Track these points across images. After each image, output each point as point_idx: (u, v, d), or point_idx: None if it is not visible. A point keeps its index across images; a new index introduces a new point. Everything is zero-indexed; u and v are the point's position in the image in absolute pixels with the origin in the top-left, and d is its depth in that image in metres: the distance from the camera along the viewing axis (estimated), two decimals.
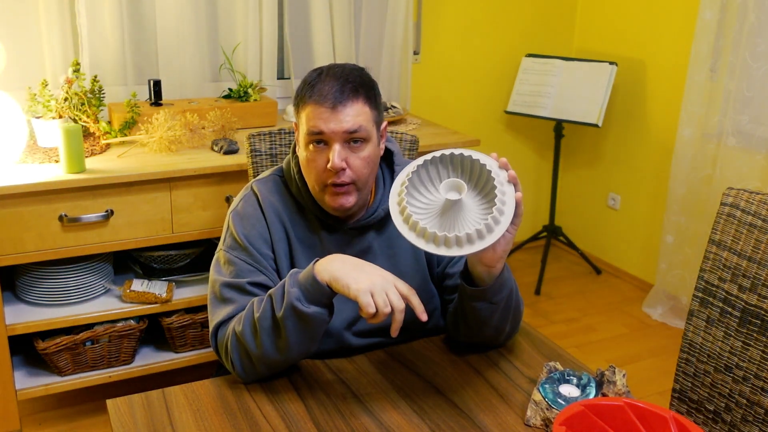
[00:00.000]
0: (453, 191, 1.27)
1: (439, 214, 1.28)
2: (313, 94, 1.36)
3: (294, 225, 1.48)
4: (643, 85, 3.48)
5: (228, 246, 1.45)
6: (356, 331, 1.50)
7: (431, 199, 1.31)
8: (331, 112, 1.34)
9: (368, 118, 1.38)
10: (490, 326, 1.41)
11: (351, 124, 1.35)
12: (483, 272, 1.33)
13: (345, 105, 1.35)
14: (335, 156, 1.35)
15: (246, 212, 1.47)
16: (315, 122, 1.35)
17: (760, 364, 1.40)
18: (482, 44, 3.60)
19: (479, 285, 1.35)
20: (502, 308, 1.39)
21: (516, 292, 1.44)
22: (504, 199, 1.24)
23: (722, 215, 1.47)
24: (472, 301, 1.36)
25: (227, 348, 1.36)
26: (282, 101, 3.09)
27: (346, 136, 1.35)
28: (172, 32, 2.75)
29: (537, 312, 3.32)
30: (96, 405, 2.52)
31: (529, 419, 1.26)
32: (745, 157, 2.91)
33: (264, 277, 1.42)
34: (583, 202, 3.95)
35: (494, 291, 1.35)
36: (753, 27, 2.81)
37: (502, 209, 1.23)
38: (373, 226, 1.50)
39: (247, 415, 1.28)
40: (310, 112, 1.36)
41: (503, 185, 1.25)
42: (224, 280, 1.42)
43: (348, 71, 1.38)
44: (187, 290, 2.47)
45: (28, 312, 2.27)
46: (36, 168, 2.19)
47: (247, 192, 1.50)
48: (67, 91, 2.37)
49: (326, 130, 1.35)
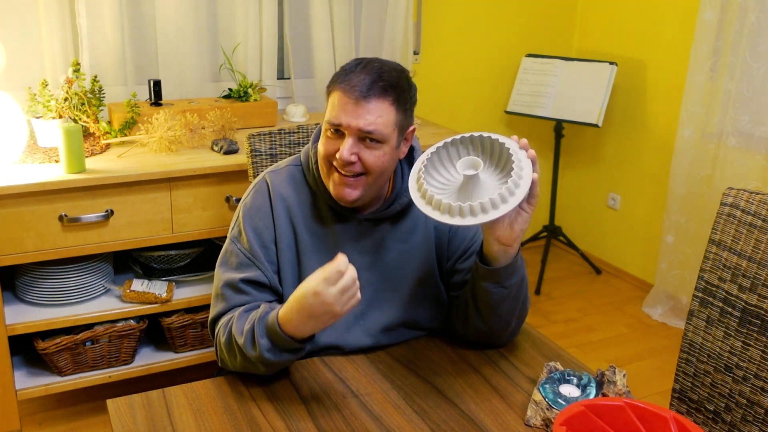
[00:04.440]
0: (470, 168, 1.29)
1: (456, 190, 1.31)
2: (344, 82, 1.36)
3: (305, 216, 1.48)
4: (643, 85, 3.48)
5: (234, 236, 1.48)
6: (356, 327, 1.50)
7: (449, 178, 1.34)
8: (354, 105, 1.34)
9: (390, 120, 1.37)
10: (499, 314, 1.42)
11: (367, 123, 1.34)
12: (499, 252, 1.34)
13: (369, 101, 1.34)
14: (345, 149, 1.35)
15: (255, 204, 1.48)
16: (336, 112, 1.36)
17: (760, 364, 1.40)
18: (482, 44, 3.60)
19: (494, 266, 1.37)
20: (512, 296, 1.40)
21: (526, 287, 1.45)
22: (521, 173, 1.26)
23: (722, 215, 1.47)
24: (484, 281, 1.38)
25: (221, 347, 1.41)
26: (282, 101, 3.09)
27: (360, 133, 1.36)
28: (172, 32, 2.75)
29: (537, 312, 3.32)
30: (96, 405, 2.52)
31: (529, 419, 1.26)
32: (745, 157, 2.91)
33: (259, 272, 1.44)
34: (583, 202, 3.95)
35: (507, 274, 1.36)
36: (753, 27, 2.81)
37: (517, 182, 1.25)
38: (388, 220, 1.50)
39: (247, 415, 1.28)
40: (336, 100, 1.37)
41: (521, 161, 1.27)
42: (223, 276, 1.45)
43: (386, 69, 1.38)
44: (187, 290, 2.47)
45: (28, 312, 2.27)
46: (36, 168, 2.19)
47: (260, 182, 1.51)
48: (67, 91, 2.37)
49: (343, 123, 1.35)
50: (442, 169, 1.35)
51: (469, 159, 1.30)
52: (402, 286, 1.50)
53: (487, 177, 1.31)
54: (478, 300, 1.41)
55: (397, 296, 1.50)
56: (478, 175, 1.27)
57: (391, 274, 1.50)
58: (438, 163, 1.34)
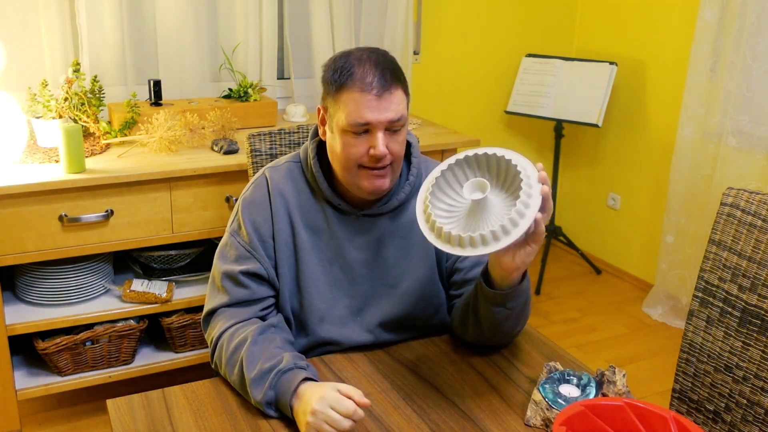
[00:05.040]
0: (477, 191, 1.25)
1: (465, 215, 1.27)
2: (356, 81, 1.35)
3: (303, 212, 1.48)
4: (643, 85, 3.48)
5: (233, 229, 1.49)
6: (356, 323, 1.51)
7: (454, 203, 1.30)
8: (378, 100, 1.34)
9: (405, 104, 1.40)
10: (501, 331, 1.42)
11: (395, 113, 1.36)
12: (498, 276, 1.33)
13: (391, 92, 1.35)
14: (380, 144, 1.36)
15: (254, 199, 1.49)
16: (361, 112, 1.34)
17: (760, 364, 1.40)
18: (482, 44, 3.60)
19: (497, 288, 1.35)
20: (515, 316, 1.40)
21: (529, 304, 1.45)
22: (528, 201, 1.19)
23: (722, 215, 1.47)
24: (487, 303, 1.37)
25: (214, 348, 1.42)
26: (282, 101, 3.09)
27: (390, 124, 1.36)
28: (172, 32, 2.75)
29: (537, 312, 3.32)
30: (96, 405, 2.52)
31: (529, 419, 1.26)
32: (745, 157, 2.91)
33: (258, 265, 1.44)
34: (583, 202, 3.95)
35: (511, 298, 1.36)
36: (753, 27, 2.81)
37: (527, 202, 1.19)
38: (386, 215, 1.50)
39: (247, 415, 1.28)
40: (354, 101, 1.35)
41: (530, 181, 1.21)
42: (223, 268, 1.46)
43: (382, 58, 1.39)
44: (187, 290, 2.47)
45: (28, 312, 2.27)
46: (36, 168, 2.19)
47: (259, 177, 1.52)
48: (67, 91, 2.37)
49: (372, 120, 1.35)
50: (449, 191, 1.31)
51: (475, 181, 1.26)
52: (400, 283, 1.50)
53: (495, 197, 1.27)
54: (481, 318, 1.41)
55: (395, 292, 1.50)
56: (486, 197, 1.24)
57: (390, 271, 1.50)
58: (444, 186, 1.31)
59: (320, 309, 1.48)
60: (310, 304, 1.48)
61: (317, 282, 1.48)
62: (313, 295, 1.48)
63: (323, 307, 1.48)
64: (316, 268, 1.48)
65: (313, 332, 1.49)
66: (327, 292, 1.48)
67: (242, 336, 1.37)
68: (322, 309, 1.48)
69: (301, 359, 1.33)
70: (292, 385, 1.25)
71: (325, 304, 1.48)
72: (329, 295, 1.49)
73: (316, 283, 1.48)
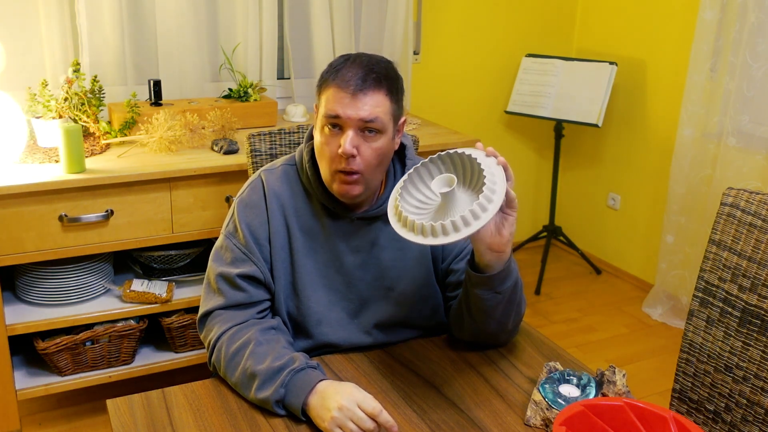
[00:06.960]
0: (445, 186, 1.27)
1: (435, 210, 1.30)
2: (336, 78, 1.37)
3: (298, 215, 1.48)
4: (643, 85, 3.48)
5: (229, 231, 1.48)
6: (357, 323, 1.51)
7: (424, 199, 1.33)
8: (351, 98, 1.35)
9: (386, 110, 1.38)
10: (494, 318, 1.41)
11: (367, 113, 1.35)
12: (492, 259, 1.33)
13: (366, 93, 1.35)
14: (347, 142, 1.35)
15: (250, 201, 1.48)
16: (333, 106, 1.36)
17: (760, 364, 1.40)
18: (482, 44, 3.60)
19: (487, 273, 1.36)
20: (507, 301, 1.39)
21: (520, 288, 1.44)
22: (494, 180, 1.23)
23: (722, 215, 1.47)
24: (477, 289, 1.36)
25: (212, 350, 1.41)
26: (282, 101, 3.10)
27: (361, 124, 1.36)
28: (172, 32, 2.75)
29: (537, 312, 3.32)
30: (96, 405, 2.52)
31: (529, 419, 1.26)
32: (745, 157, 2.91)
33: (254, 268, 1.44)
34: (583, 202, 3.95)
35: (500, 279, 1.35)
36: (753, 27, 2.81)
37: (492, 188, 1.22)
38: (381, 218, 1.50)
39: (247, 415, 1.28)
40: (331, 96, 1.37)
41: (492, 170, 1.25)
42: (218, 270, 1.45)
43: (375, 61, 1.39)
44: (187, 290, 2.47)
45: (28, 312, 2.27)
46: (36, 168, 2.20)
47: (255, 179, 1.52)
48: (67, 91, 2.37)
49: (342, 115, 1.35)
50: (419, 189, 1.33)
51: (443, 177, 1.28)
52: (396, 285, 1.50)
53: (463, 193, 1.29)
54: (472, 307, 1.40)
55: (391, 294, 1.50)
56: (454, 191, 1.26)
57: (385, 273, 1.50)
58: (413, 185, 1.33)
59: (318, 312, 1.48)
60: (307, 307, 1.48)
61: (314, 285, 1.48)
62: (310, 298, 1.47)
63: (320, 310, 1.48)
64: (312, 271, 1.48)
65: (311, 335, 1.49)
66: (324, 295, 1.48)
67: (244, 338, 1.37)
68: (320, 312, 1.48)
69: (309, 360, 1.33)
70: (310, 383, 1.26)
71: (322, 308, 1.48)
72: (326, 299, 1.49)
73: (313, 286, 1.48)
